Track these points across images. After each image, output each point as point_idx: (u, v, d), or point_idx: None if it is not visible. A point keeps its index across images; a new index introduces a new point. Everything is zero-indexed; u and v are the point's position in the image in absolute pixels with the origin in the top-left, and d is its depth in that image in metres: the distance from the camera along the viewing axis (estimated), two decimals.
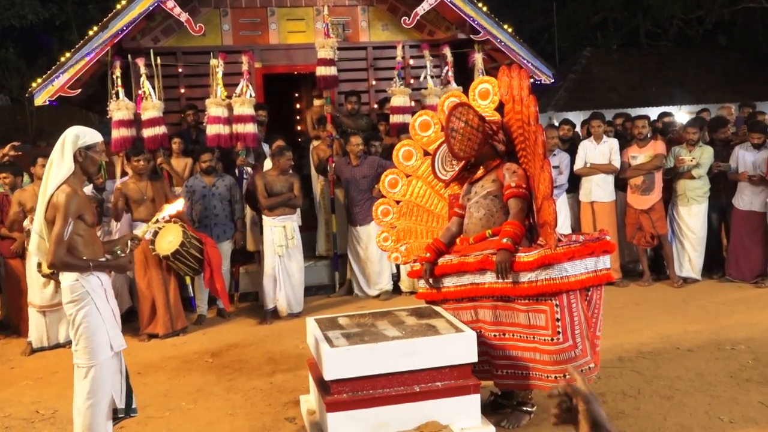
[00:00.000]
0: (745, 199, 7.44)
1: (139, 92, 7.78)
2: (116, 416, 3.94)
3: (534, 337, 4.02)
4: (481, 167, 4.34)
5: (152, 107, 7.69)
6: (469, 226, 4.35)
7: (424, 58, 8.68)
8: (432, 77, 8.58)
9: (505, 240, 4.01)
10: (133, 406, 4.05)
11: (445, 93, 8.29)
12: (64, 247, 3.64)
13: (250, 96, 7.76)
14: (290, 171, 7.29)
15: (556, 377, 3.97)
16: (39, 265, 6.33)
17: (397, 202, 5.03)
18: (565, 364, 3.93)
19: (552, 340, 3.94)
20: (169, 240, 6.51)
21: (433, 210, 4.93)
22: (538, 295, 3.95)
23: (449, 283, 4.35)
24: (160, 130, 7.72)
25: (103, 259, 3.85)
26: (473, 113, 4.20)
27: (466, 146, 4.21)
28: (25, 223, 6.55)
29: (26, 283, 6.54)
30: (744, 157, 7.43)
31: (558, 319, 3.92)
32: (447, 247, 4.45)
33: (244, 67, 7.86)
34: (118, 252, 3.91)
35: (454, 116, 4.20)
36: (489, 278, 4.10)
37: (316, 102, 9.07)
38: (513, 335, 4.11)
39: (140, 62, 7.78)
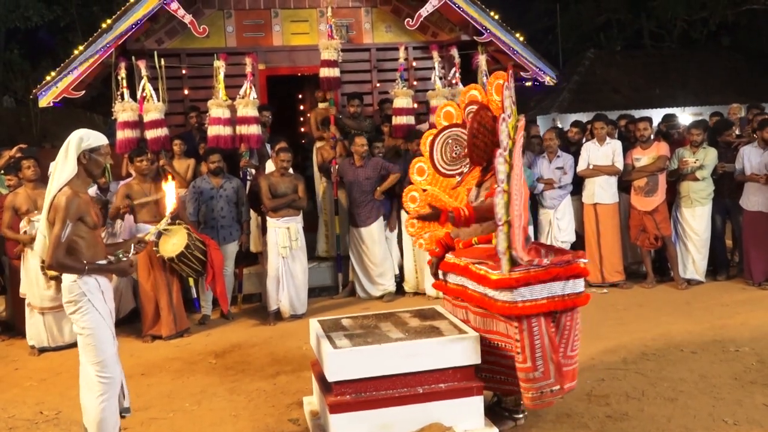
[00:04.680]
0: (752, 200, 7.43)
1: (142, 94, 7.79)
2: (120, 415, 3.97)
3: (510, 345, 4.03)
4: (491, 169, 4.37)
5: (154, 109, 7.70)
6: (461, 232, 4.38)
7: (427, 60, 8.68)
8: (440, 78, 8.58)
9: (450, 212, 4.15)
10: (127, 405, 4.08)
11: (453, 94, 8.35)
12: (62, 249, 3.66)
13: (254, 98, 7.76)
14: (291, 172, 7.30)
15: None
16: (43, 267, 6.33)
17: (424, 190, 5.04)
18: (526, 383, 3.93)
19: (518, 354, 3.95)
20: (174, 242, 6.51)
21: (454, 201, 4.95)
22: (499, 313, 3.97)
23: (451, 279, 4.44)
24: (162, 131, 7.74)
25: (104, 262, 3.85)
26: (490, 116, 4.29)
27: (484, 152, 4.32)
28: (22, 224, 6.56)
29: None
30: (750, 158, 7.42)
31: (518, 340, 3.91)
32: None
33: (248, 69, 7.86)
34: (120, 256, 3.90)
35: (476, 122, 4.29)
36: (470, 285, 4.14)
37: (321, 104, 9.08)
38: (491, 342, 4.12)
39: (141, 64, 7.79)
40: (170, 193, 4.17)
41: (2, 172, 7.31)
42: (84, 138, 3.79)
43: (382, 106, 8.77)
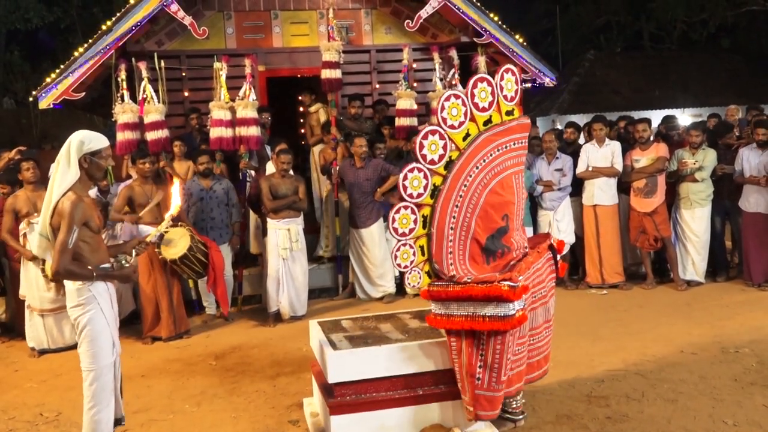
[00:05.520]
0: (752, 201, 7.44)
1: (143, 95, 7.79)
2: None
3: None
4: None
5: (154, 110, 7.69)
6: None
7: (427, 62, 8.68)
8: (440, 80, 8.57)
9: None
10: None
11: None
12: (69, 256, 3.59)
13: (253, 99, 7.76)
14: (291, 173, 7.30)
15: None
16: (43, 269, 6.33)
17: None
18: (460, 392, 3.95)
19: None
20: (177, 244, 6.50)
21: None
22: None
23: None
24: (163, 133, 7.73)
25: (107, 266, 3.82)
26: None
27: None
28: (22, 226, 6.56)
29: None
30: (749, 159, 7.42)
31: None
32: None
33: (247, 71, 7.86)
34: (123, 262, 3.87)
35: None
36: None
37: (311, 108, 9.09)
38: None
39: (142, 66, 7.79)
40: (175, 194, 4.17)
41: None
42: (85, 141, 3.71)
43: (377, 108, 8.77)
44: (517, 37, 8.80)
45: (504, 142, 4.05)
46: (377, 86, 9.12)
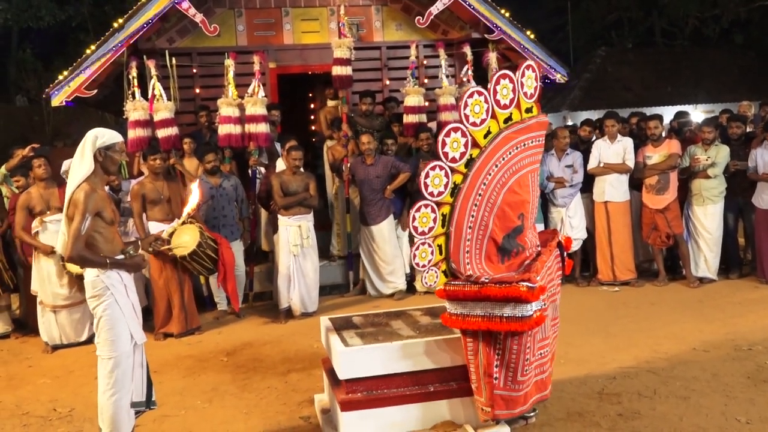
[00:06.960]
0: (765, 198, 7.39)
1: (152, 93, 7.81)
2: (137, 409, 4.01)
3: None
4: None
5: (164, 108, 7.72)
6: None
7: (438, 58, 8.66)
8: (447, 76, 8.55)
9: None
10: (153, 399, 4.14)
11: (461, 92, 8.31)
12: (82, 242, 3.75)
13: (262, 96, 7.77)
14: (302, 170, 7.30)
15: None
16: (64, 264, 6.36)
17: None
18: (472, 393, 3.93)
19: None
20: (186, 240, 6.53)
21: None
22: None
23: None
24: (173, 130, 7.76)
25: (120, 257, 3.93)
26: None
27: None
28: (34, 224, 6.59)
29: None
30: (763, 157, 7.37)
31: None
32: None
33: (256, 67, 7.87)
34: (130, 252, 3.98)
35: None
36: None
37: (330, 102, 9.10)
38: None
39: (151, 64, 7.81)
40: (194, 192, 4.25)
41: (9, 173, 7.36)
42: (99, 136, 3.90)
43: (387, 105, 8.76)
44: (528, 33, 8.76)
45: (522, 140, 4.02)
46: (388, 83, 9.11)
